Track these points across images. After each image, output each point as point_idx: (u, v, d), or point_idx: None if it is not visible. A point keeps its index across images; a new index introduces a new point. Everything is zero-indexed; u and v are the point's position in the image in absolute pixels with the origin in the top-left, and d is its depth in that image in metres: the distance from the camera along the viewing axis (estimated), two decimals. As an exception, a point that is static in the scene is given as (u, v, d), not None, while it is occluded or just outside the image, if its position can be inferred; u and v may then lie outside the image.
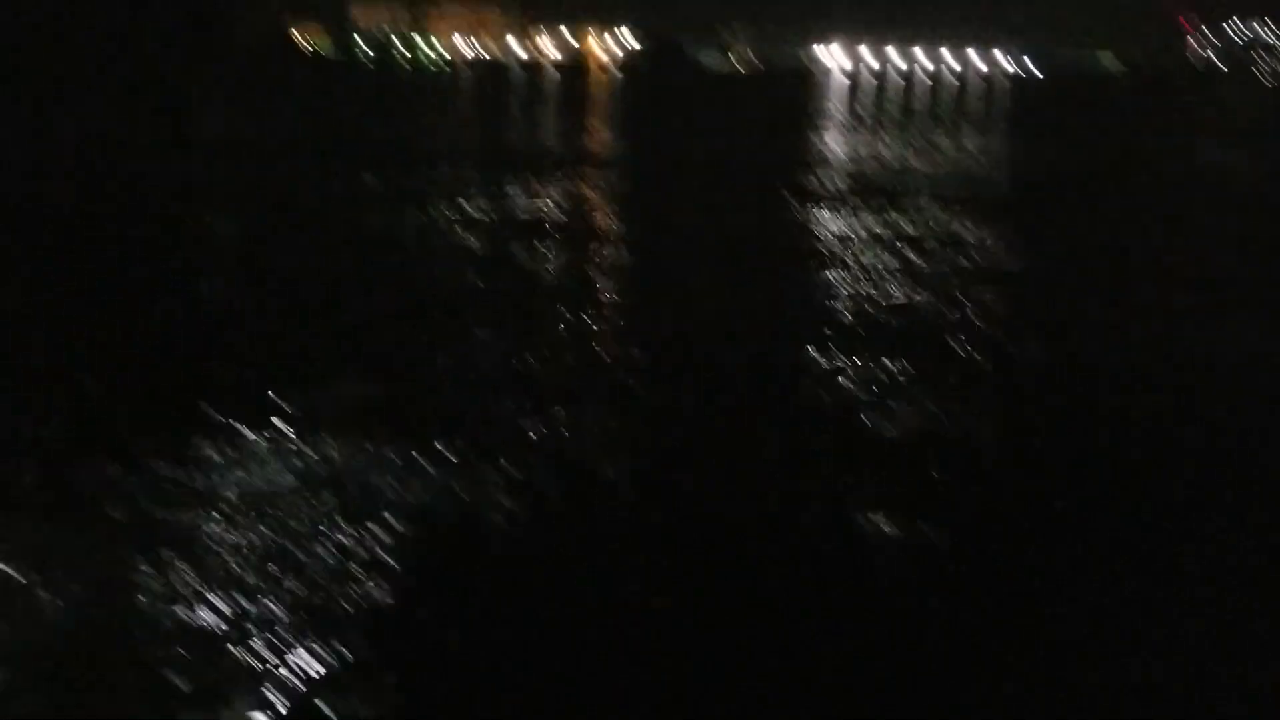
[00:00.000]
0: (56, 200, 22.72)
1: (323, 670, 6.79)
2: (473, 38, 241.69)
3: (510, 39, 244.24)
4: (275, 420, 10.52)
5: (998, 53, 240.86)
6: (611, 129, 56.27)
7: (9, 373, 11.88)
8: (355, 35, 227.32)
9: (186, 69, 31.35)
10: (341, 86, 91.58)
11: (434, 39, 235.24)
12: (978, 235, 23.01)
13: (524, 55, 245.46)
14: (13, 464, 9.58)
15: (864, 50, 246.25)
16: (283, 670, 6.76)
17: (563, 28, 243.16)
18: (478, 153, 38.86)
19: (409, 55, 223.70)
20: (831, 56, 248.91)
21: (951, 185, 32.26)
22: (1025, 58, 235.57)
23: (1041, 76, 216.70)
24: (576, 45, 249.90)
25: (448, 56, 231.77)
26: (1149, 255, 22.50)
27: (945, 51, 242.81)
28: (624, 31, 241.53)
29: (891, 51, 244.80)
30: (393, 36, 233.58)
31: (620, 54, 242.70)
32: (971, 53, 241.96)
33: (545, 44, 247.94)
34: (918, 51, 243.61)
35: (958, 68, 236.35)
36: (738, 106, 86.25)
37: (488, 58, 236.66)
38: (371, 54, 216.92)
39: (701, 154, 42.31)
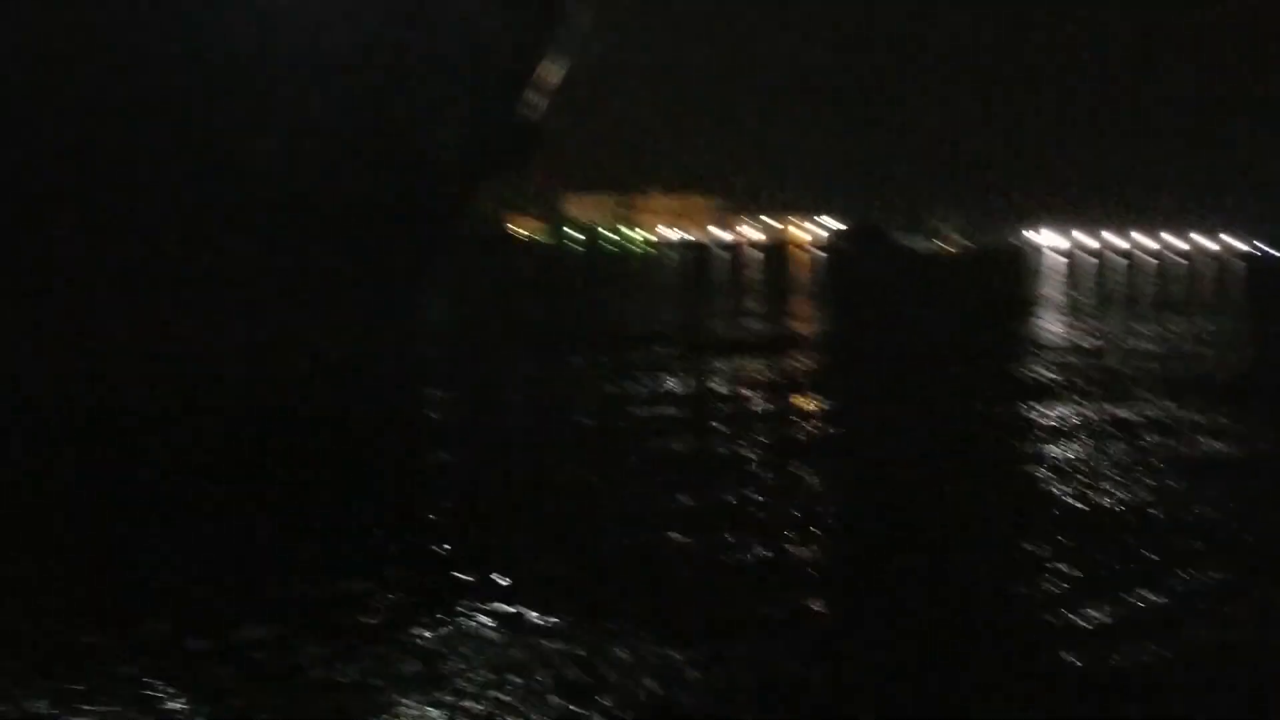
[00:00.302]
0: (307, 382, 23.82)
1: None
2: (677, 225, 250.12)
3: (713, 226, 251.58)
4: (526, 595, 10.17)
5: (1226, 235, 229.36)
6: (814, 311, 56.20)
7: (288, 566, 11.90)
8: (566, 225, 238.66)
9: (417, 260, 32.85)
10: (553, 272, 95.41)
11: (639, 227, 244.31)
12: (1212, 423, 21.38)
13: (726, 237, 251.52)
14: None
15: (1079, 233, 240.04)
16: None
17: (765, 218, 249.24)
18: (683, 333, 39.18)
19: (616, 241, 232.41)
20: (1045, 238, 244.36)
21: (1182, 370, 30.45)
22: (1256, 240, 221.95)
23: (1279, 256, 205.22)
24: (778, 227, 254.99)
25: (652, 239, 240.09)
26: None
27: (1168, 234, 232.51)
28: (825, 218, 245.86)
29: (1109, 234, 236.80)
30: (601, 225, 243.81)
31: (822, 236, 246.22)
32: (1198, 235, 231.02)
33: (747, 228, 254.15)
34: (1137, 234, 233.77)
35: (1184, 247, 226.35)
36: (946, 288, 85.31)
37: (690, 240, 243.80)
38: (581, 241, 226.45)
39: (909, 337, 41.52)
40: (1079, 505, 15.16)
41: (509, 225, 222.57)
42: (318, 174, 29.20)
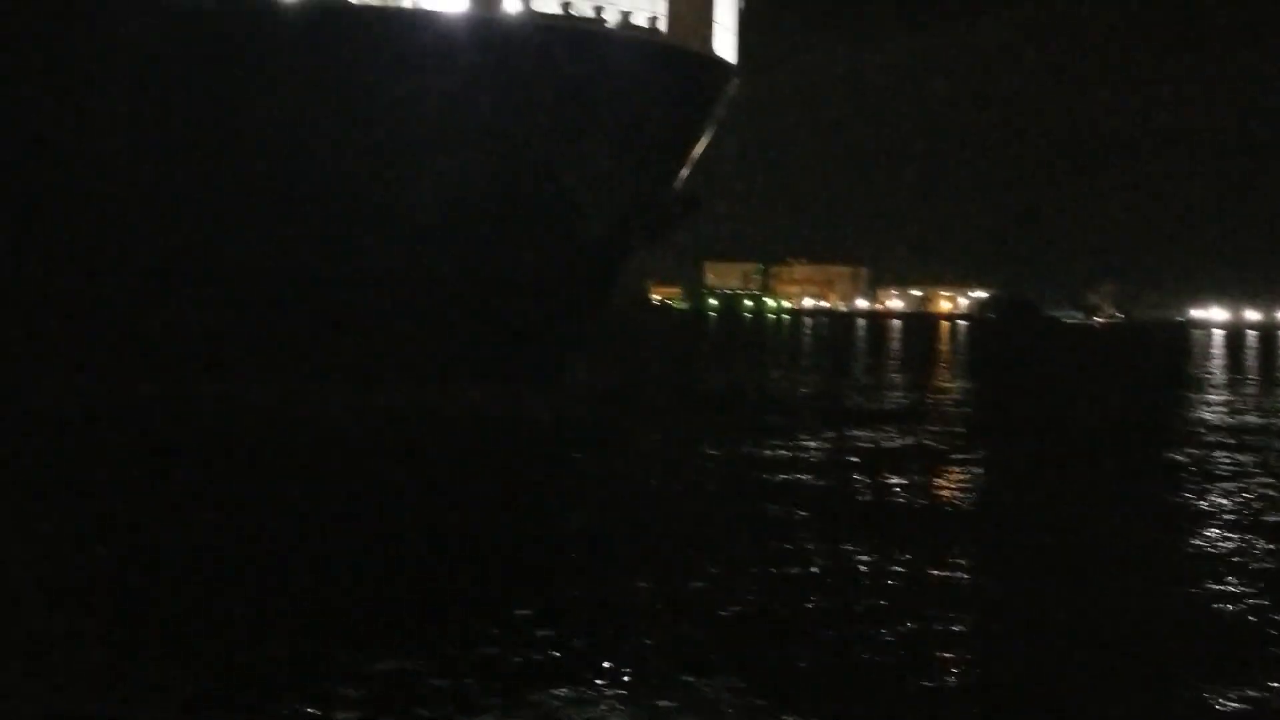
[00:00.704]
0: (469, 444, 24.63)
1: None
2: (818, 294, 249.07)
3: (855, 295, 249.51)
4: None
5: None
6: (959, 382, 55.27)
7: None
8: (706, 292, 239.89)
9: (575, 327, 33.71)
10: (693, 338, 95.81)
11: (779, 295, 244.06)
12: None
13: (865, 305, 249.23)
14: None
15: (1246, 310, 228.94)
16: None
17: (913, 291, 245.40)
18: (823, 401, 38.95)
19: (755, 308, 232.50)
20: (1207, 312, 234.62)
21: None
22: None
23: None
24: (922, 297, 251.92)
25: (790, 307, 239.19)
26: None
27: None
28: (973, 289, 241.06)
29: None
30: (740, 292, 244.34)
31: (966, 305, 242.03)
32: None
33: (891, 298, 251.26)
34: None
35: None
36: (1098, 362, 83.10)
37: (832, 308, 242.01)
38: (719, 308, 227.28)
39: (1060, 412, 40.62)
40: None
41: (649, 291, 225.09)
42: (483, 245, 30.08)
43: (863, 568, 15.71)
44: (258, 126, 28.44)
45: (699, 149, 34.05)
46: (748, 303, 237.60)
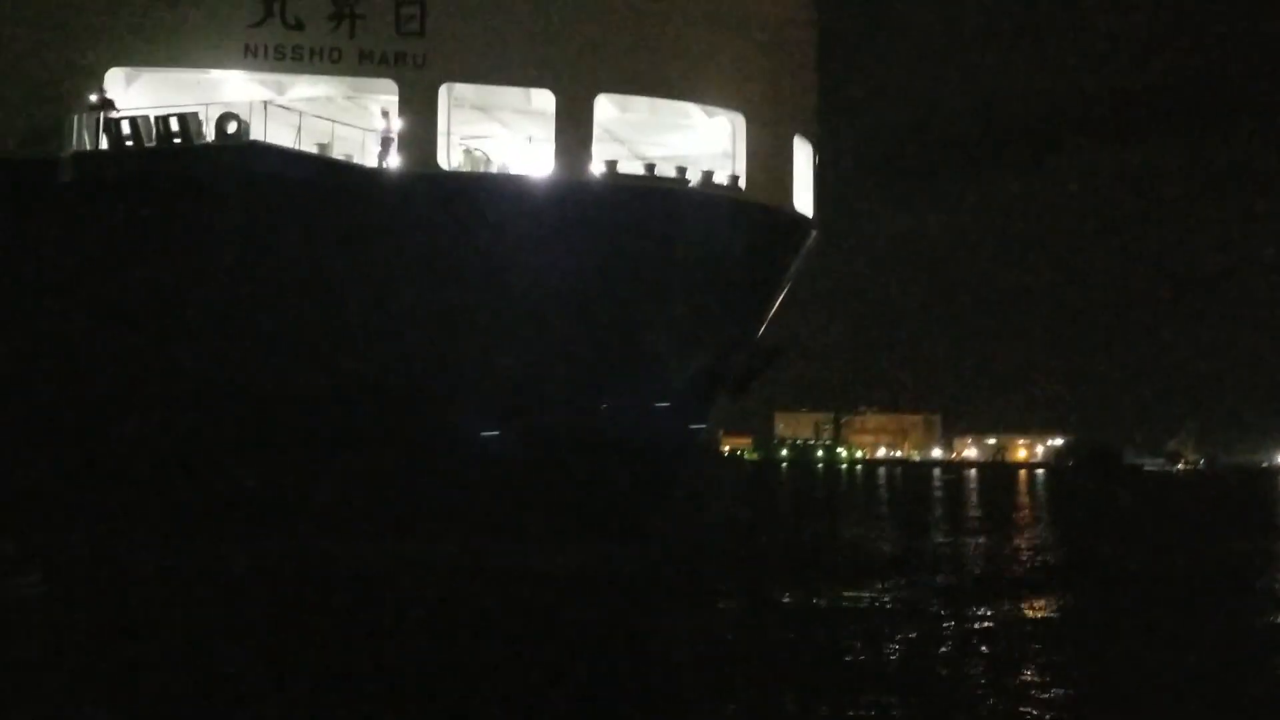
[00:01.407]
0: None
1: None
2: (891, 443, 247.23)
3: (929, 444, 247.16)
4: None
5: None
6: (1038, 533, 54.10)
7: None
8: (778, 444, 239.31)
9: (661, 482, 33.76)
10: (766, 490, 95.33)
11: (852, 445, 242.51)
12: None
13: (940, 454, 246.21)
14: None
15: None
16: None
17: (989, 439, 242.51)
18: (901, 559, 38.20)
19: (826, 458, 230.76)
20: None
21: None
22: None
23: None
24: (995, 443, 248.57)
25: (863, 456, 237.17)
26: None
27: None
28: (1052, 437, 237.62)
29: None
30: (811, 442, 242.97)
31: (1043, 452, 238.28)
32: None
33: (966, 447, 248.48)
34: None
35: None
36: (1184, 511, 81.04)
37: (901, 456, 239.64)
38: (790, 459, 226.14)
39: (1148, 563, 39.50)
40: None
41: (721, 441, 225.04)
42: (570, 401, 30.37)
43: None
44: (352, 292, 29.04)
45: (779, 301, 34.49)
46: (820, 453, 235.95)
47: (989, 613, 26.17)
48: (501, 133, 32.44)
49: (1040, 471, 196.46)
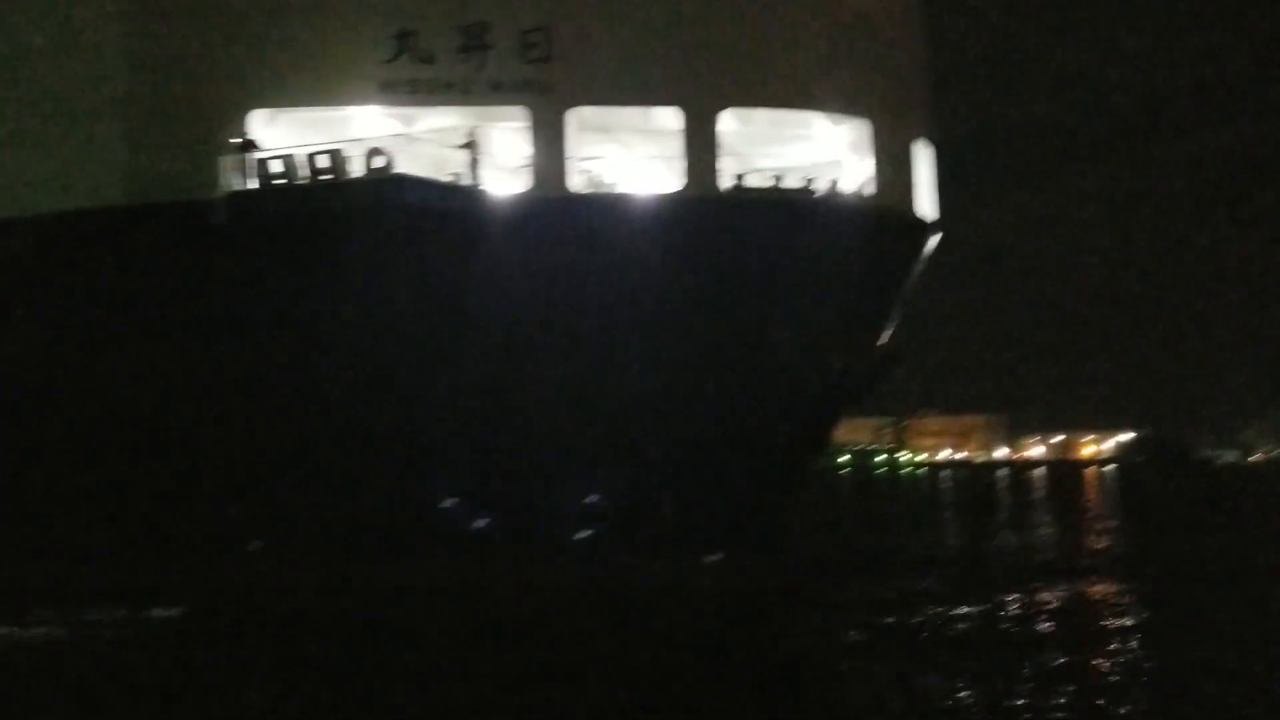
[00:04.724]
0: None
1: None
2: (953, 446, 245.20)
3: (992, 444, 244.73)
4: None
5: None
6: (1107, 530, 53.56)
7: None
8: (838, 450, 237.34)
9: (786, 490, 33.91)
10: (825, 496, 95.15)
11: (913, 448, 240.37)
12: None
13: (1004, 454, 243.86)
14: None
15: None
16: None
17: (1054, 437, 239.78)
18: (967, 558, 38.14)
19: (886, 463, 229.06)
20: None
21: None
22: None
23: None
24: (1061, 441, 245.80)
25: (926, 460, 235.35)
26: None
27: None
28: (1118, 432, 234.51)
29: None
30: (872, 448, 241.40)
31: (1110, 448, 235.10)
32: None
33: (1031, 446, 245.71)
34: None
35: None
36: (1258, 505, 79.81)
37: (965, 458, 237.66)
38: (851, 465, 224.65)
39: (1222, 557, 39.00)
40: None
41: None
42: (701, 414, 30.58)
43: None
44: (476, 317, 29.41)
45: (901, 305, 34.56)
46: (880, 458, 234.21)
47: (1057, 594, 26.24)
48: (615, 153, 32.81)
49: (1108, 468, 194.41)
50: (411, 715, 17.49)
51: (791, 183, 30.87)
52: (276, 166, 27.07)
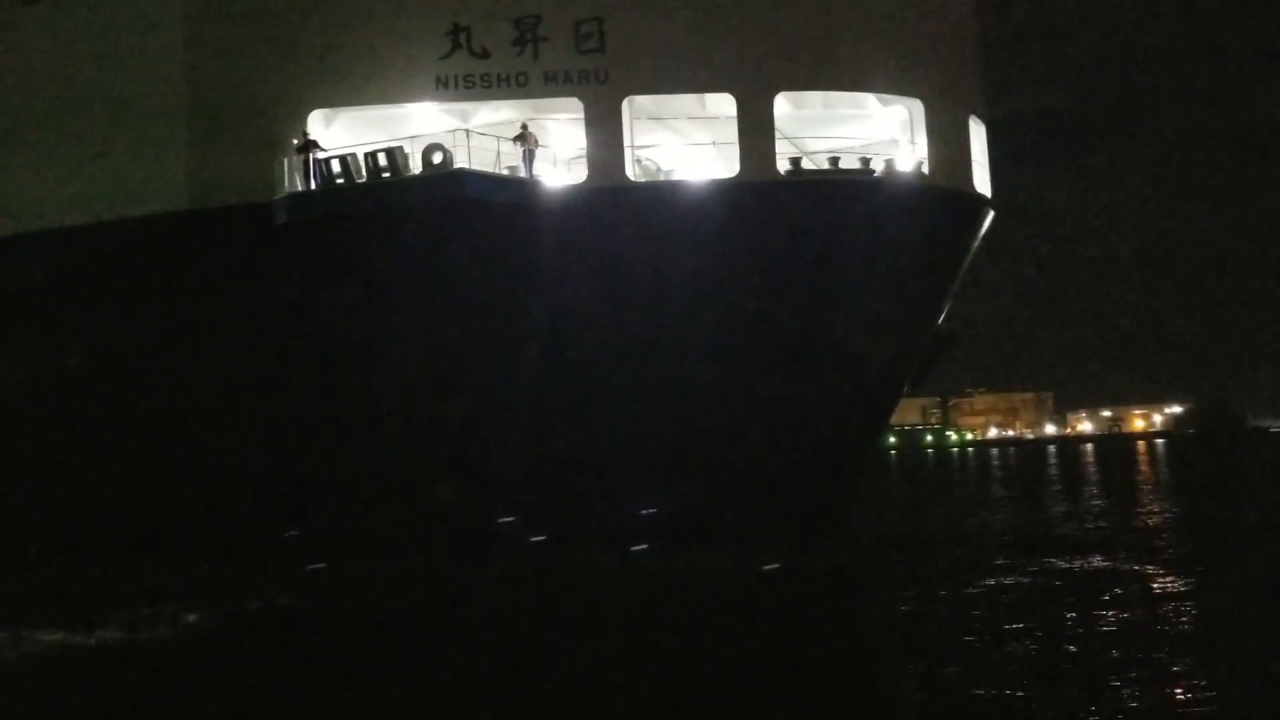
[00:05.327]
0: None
1: None
2: (1002, 423, 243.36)
3: (1042, 420, 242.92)
4: None
5: None
6: (1161, 504, 52.96)
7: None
8: (886, 431, 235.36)
9: (852, 471, 33.85)
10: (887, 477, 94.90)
11: (961, 427, 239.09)
12: None
13: (1054, 431, 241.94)
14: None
15: None
16: None
17: (1104, 412, 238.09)
18: (1019, 533, 37.97)
19: (935, 442, 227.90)
20: None
21: None
22: None
23: None
24: (1111, 415, 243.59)
25: (974, 438, 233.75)
26: None
27: None
28: (1169, 405, 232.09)
29: None
30: (919, 427, 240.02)
31: (1161, 422, 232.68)
32: None
33: (1080, 421, 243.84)
34: None
35: None
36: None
37: (1014, 435, 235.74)
38: (899, 446, 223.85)
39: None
40: None
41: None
42: (761, 396, 30.47)
43: None
44: (536, 311, 29.42)
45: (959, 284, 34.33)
46: (929, 438, 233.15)
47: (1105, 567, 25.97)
48: (670, 141, 32.73)
49: (1159, 441, 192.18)
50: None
51: (848, 164, 30.71)
52: (335, 166, 27.22)
